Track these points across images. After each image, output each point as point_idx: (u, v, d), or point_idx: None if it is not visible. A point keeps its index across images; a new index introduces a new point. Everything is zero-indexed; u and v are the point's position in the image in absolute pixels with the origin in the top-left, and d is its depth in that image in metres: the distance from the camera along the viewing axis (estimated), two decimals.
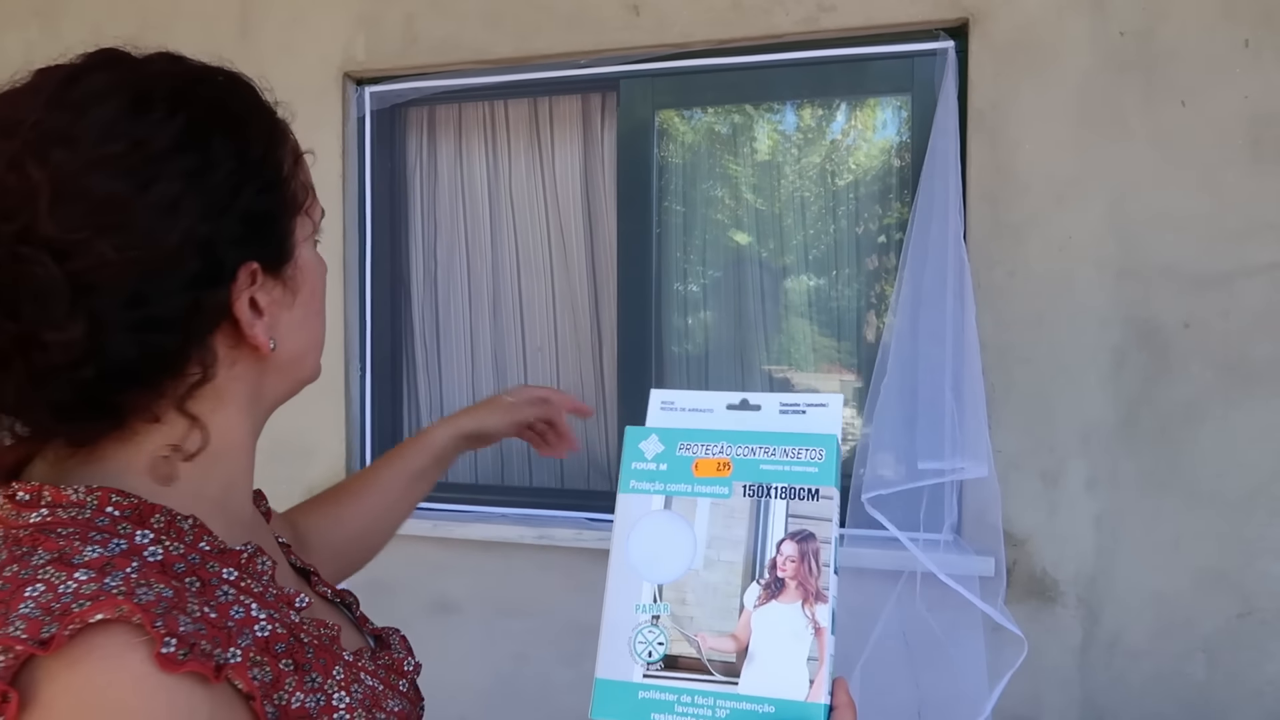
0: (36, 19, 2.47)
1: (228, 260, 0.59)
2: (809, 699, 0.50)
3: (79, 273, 0.52)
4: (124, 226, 0.54)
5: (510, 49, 2.11)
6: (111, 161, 0.54)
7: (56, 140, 0.54)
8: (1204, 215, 1.73)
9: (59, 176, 0.53)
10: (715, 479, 0.57)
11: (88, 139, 0.54)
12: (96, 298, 0.53)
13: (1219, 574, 1.74)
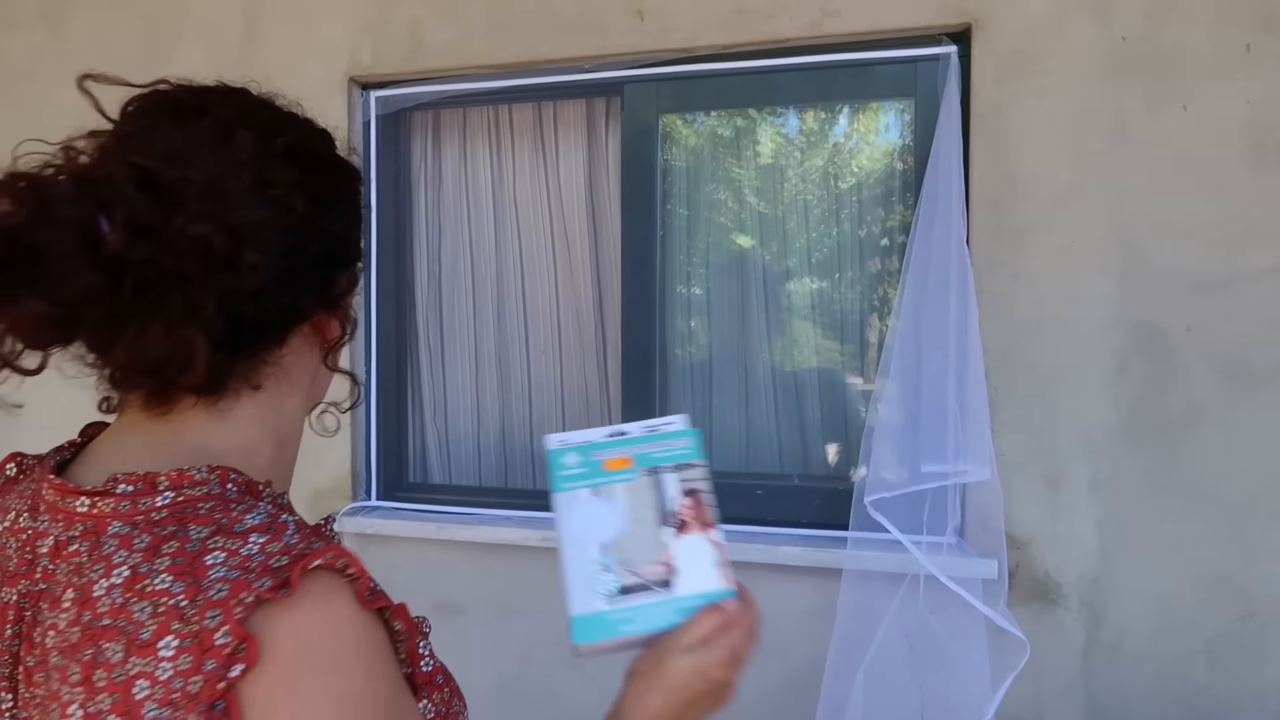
0: (43, 22, 2.49)
1: (343, 263, 0.79)
2: (721, 587, 0.77)
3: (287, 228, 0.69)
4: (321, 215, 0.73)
5: (515, 54, 2.12)
6: None
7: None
8: (1206, 219, 1.74)
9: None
10: (623, 470, 0.80)
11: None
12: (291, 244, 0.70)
13: (1221, 576, 1.75)
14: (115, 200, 0.64)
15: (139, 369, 0.68)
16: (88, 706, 0.59)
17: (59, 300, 0.63)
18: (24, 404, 0.80)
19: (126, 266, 0.63)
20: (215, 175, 0.67)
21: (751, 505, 2.08)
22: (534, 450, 2.34)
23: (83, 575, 0.63)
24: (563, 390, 2.33)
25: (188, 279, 0.65)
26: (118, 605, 0.60)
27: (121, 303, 0.64)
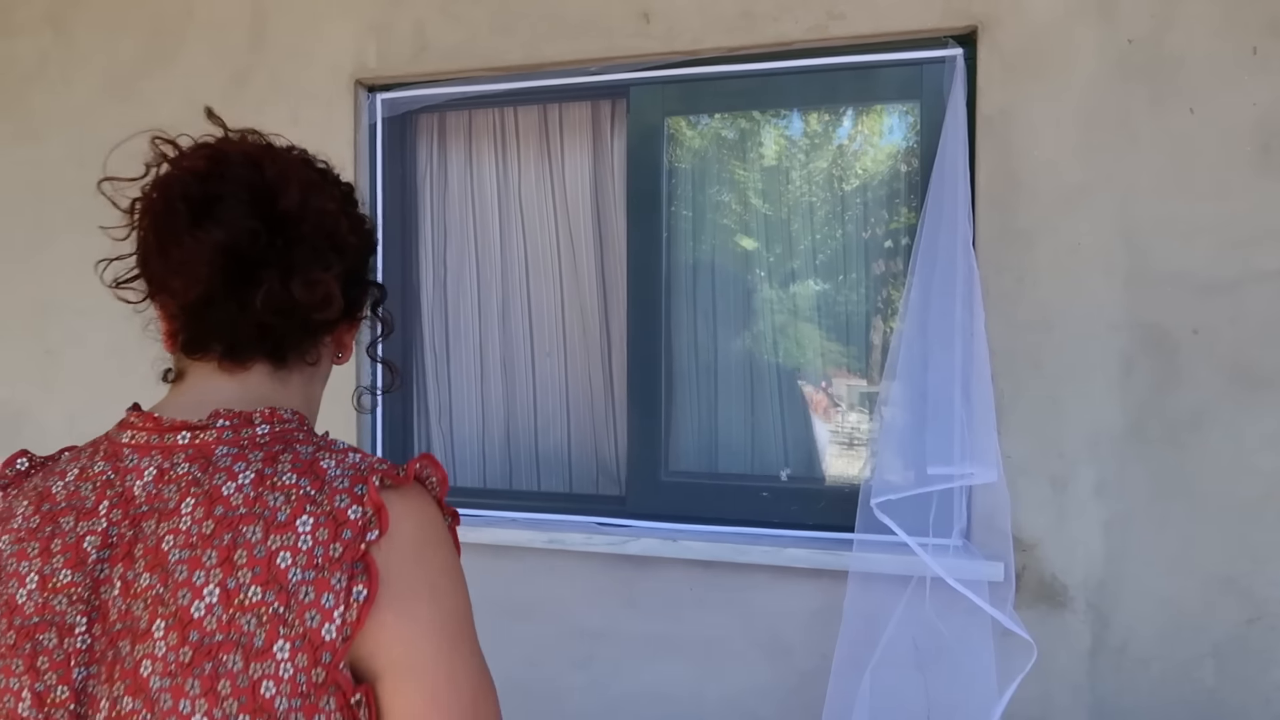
0: (48, 25, 2.49)
1: (372, 287, 0.99)
2: None
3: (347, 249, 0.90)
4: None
5: (521, 56, 2.13)
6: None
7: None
8: (1212, 222, 1.74)
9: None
10: None
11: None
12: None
13: (1228, 579, 1.75)
14: (275, 176, 0.85)
15: (272, 309, 0.84)
16: (227, 583, 0.73)
17: (230, 235, 0.81)
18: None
19: (281, 220, 0.83)
20: (325, 186, 0.91)
21: (757, 507, 2.08)
22: (539, 452, 2.34)
23: (202, 485, 0.77)
24: (568, 392, 2.33)
25: (317, 243, 0.85)
26: (251, 498, 0.76)
27: (272, 249, 0.82)
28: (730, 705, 2.02)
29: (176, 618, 0.74)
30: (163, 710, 0.73)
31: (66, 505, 0.83)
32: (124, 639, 0.76)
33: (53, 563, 0.81)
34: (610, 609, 2.09)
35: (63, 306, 2.49)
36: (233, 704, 0.72)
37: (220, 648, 0.73)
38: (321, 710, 0.73)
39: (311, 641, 0.72)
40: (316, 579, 0.72)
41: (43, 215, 2.50)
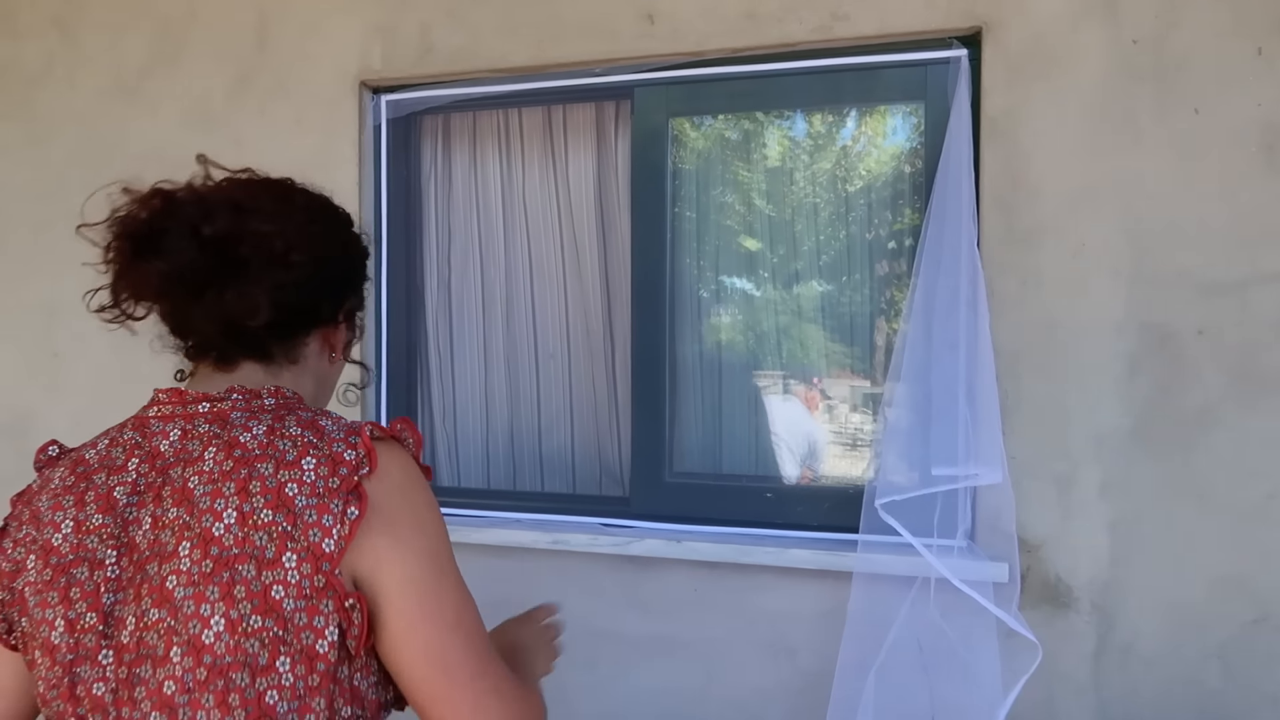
0: (56, 28, 2.50)
1: (349, 295, 1.13)
2: None
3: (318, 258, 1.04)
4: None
5: (526, 58, 2.13)
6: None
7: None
8: (1217, 222, 1.74)
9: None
10: None
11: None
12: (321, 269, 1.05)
13: (1234, 581, 1.74)
14: (214, 208, 0.99)
15: (218, 319, 0.98)
16: (243, 508, 0.88)
17: (171, 264, 0.96)
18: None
19: (216, 247, 0.96)
20: (277, 210, 1.03)
21: (761, 508, 2.08)
22: (542, 453, 2.34)
23: (222, 436, 0.94)
24: (571, 394, 2.33)
25: (256, 262, 0.98)
26: (264, 443, 0.92)
27: (209, 270, 0.96)
28: (734, 706, 2.02)
29: (200, 537, 0.89)
30: (186, 615, 0.88)
31: (99, 465, 0.98)
32: (151, 563, 0.91)
33: (86, 510, 0.95)
34: (614, 610, 2.09)
35: (69, 309, 2.49)
36: (247, 605, 0.87)
37: (237, 559, 0.88)
38: (320, 611, 0.88)
39: (314, 553, 0.88)
40: (318, 504, 0.89)
41: (49, 217, 2.51)
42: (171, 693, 0.88)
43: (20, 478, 2.69)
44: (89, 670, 0.92)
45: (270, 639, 0.88)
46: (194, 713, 0.88)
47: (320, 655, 0.89)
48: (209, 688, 0.88)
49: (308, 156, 2.27)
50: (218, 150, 2.39)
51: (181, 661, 0.88)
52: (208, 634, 0.87)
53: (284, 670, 0.88)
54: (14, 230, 2.54)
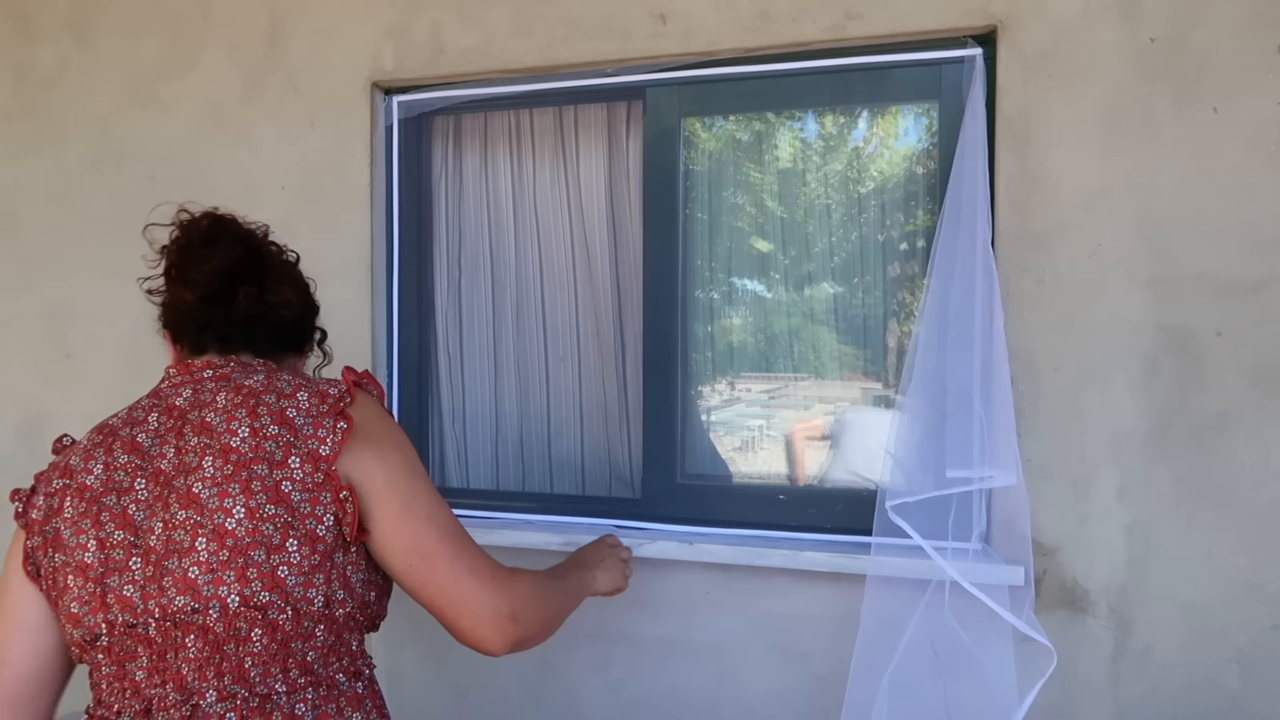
0: (69, 31, 2.51)
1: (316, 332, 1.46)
2: None
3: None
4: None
5: (537, 58, 2.13)
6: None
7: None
8: (1237, 222, 1.72)
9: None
10: None
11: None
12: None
13: (1253, 585, 1.72)
14: (251, 229, 1.35)
15: (254, 306, 1.26)
16: (254, 425, 1.12)
17: (227, 253, 1.28)
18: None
19: (258, 256, 1.32)
20: (281, 264, 1.37)
21: (774, 510, 2.07)
22: (551, 456, 2.33)
23: (227, 385, 1.18)
24: (581, 396, 2.32)
25: (275, 268, 1.34)
26: (264, 384, 1.18)
27: (251, 272, 1.28)
28: (747, 710, 2.01)
29: (220, 450, 1.11)
30: (210, 509, 1.08)
31: (122, 423, 1.20)
32: (178, 478, 1.11)
33: (114, 454, 1.16)
34: (626, 612, 2.08)
35: (82, 311, 2.50)
36: (262, 496, 1.09)
37: (252, 462, 1.10)
38: (320, 502, 1.11)
39: (313, 456, 1.12)
40: (314, 422, 1.14)
41: (63, 220, 2.52)
42: (195, 576, 1.07)
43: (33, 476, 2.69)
44: (118, 579, 1.09)
45: (281, 524, 1.09)
46: (216, 589, 1.07)
47: (320, 538, 1.11)
48: (230, 565, 1.07)
49: (320, 157, 2.28)
50: (231, 151, 2.41)
51: (207, 547, 1.07)
52: (230, 521, 1.08)
53: (292, 550, 1.09)
54: (28, 232, 2.55)
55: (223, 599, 1.06)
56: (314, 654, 1.13)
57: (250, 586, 1.07)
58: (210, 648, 1.07)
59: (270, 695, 1.08)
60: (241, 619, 1.07)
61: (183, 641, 1.07)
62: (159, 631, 1.08)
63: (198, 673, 1.07)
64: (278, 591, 1.08)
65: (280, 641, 1.09)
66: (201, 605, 1.06)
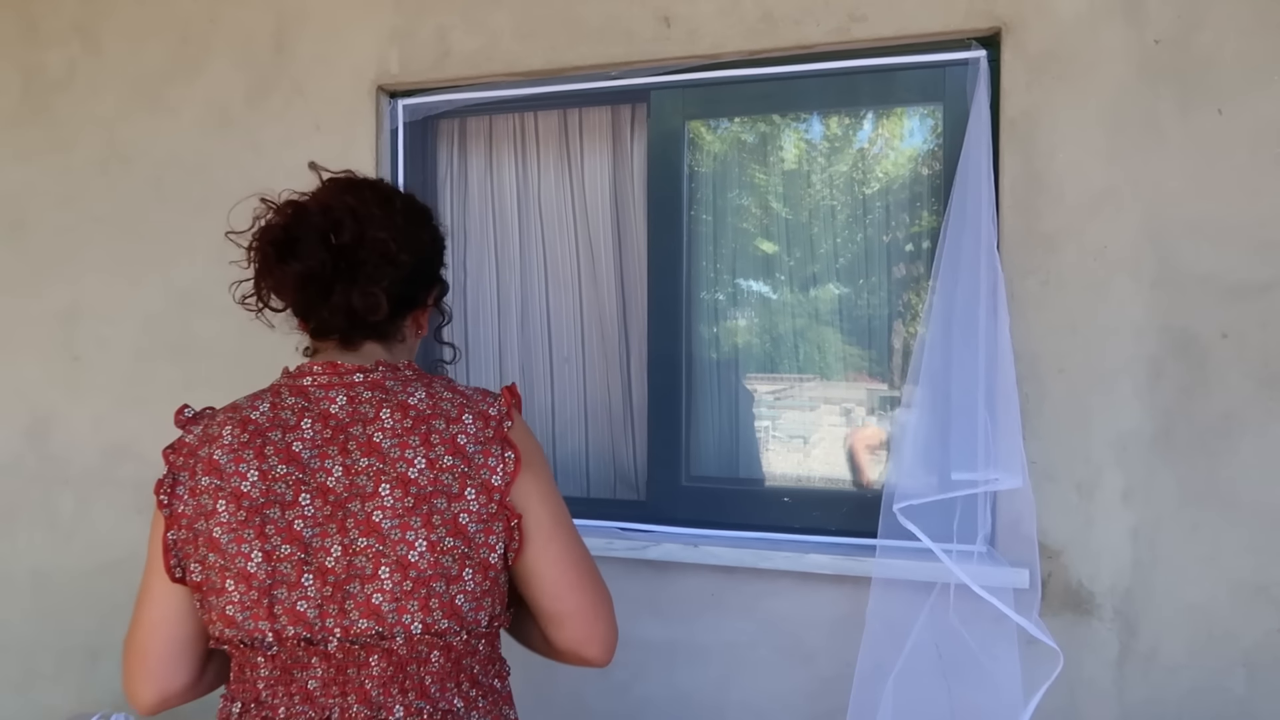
0: (77, 35, 2.53)
1: (437, 282, 1.37)
2: None
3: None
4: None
5: (542, 61, 2.13)
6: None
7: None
8: (1242, 224, 1.71)
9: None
10: None
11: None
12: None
13: (1258, 587, 1.72)
14: (339, 218, 1.18)
15: (345, 313, 1.19)
16: (429, 455, 1.13)
17: (306, 266, 1.16)
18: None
19: (342, 251, 1.17)
20: (385, 215, 1.22)
21: (779, 513, 2.07)
22: (556, 458, 2.34)
23: (390, 400, 1.17)
24: (585, 399, 2.33)
25: (372, 263, 1.19)
26: (430, 405, 1.17)
27: (336, 271, 1.17)
28: (752, 711, 2.01)
29: (398, 480, 1.12)
30: (393, 540, 1.11)
31: (270, 425, 1.17)
32: (353, 502, 1.12)
33: (268, 461, 1.15)
34: (631, 614, 2.07)
35: (90, 314, 2.51)
36: (442, 530, 1.12)
37: (432, 495, 1.12)
38: (493, 531, 1.15)
39: (487, 486, 1.14)
40: (484, 450, 1.15)
41: (70, 222, 2.53)
42: (379, 602, 1.11)
43: (42, 477, 2.72)
44: (287, 592, 1.12)
45: (459, 555, 1.13)
46: (400, 616, 1.11)
47: (491, 565, 1.15)
48: (414, 595, 1.11)
49: (325, 160, 2.24)
50: (236, 154, 2.42)
51: (390, 577, 1.11)
52: (413, 554, 1.11)
53: (468, 579, 1.14)
54: (35, 235, 2.57)
55: (407, 626, 1.12)
56: (479, 667, 1.23)
57: (432, 615, 1.12)
58: (394, 668, 1.14)
59: (451, 710, 1.17)
60: (423, 643, 1.14)
61: (366, 660, 1.14)
62: (340, 649, 1.13)
63: (383, 689, 1.14)
64: (455, 618, 1.14)
65: (454, 660, 1.18)
66: (387, 630, 1.12)
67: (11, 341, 2.60)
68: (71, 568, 2.53)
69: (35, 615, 2.58)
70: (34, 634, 2.58)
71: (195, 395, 2.14)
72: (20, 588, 2.58)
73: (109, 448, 2.48)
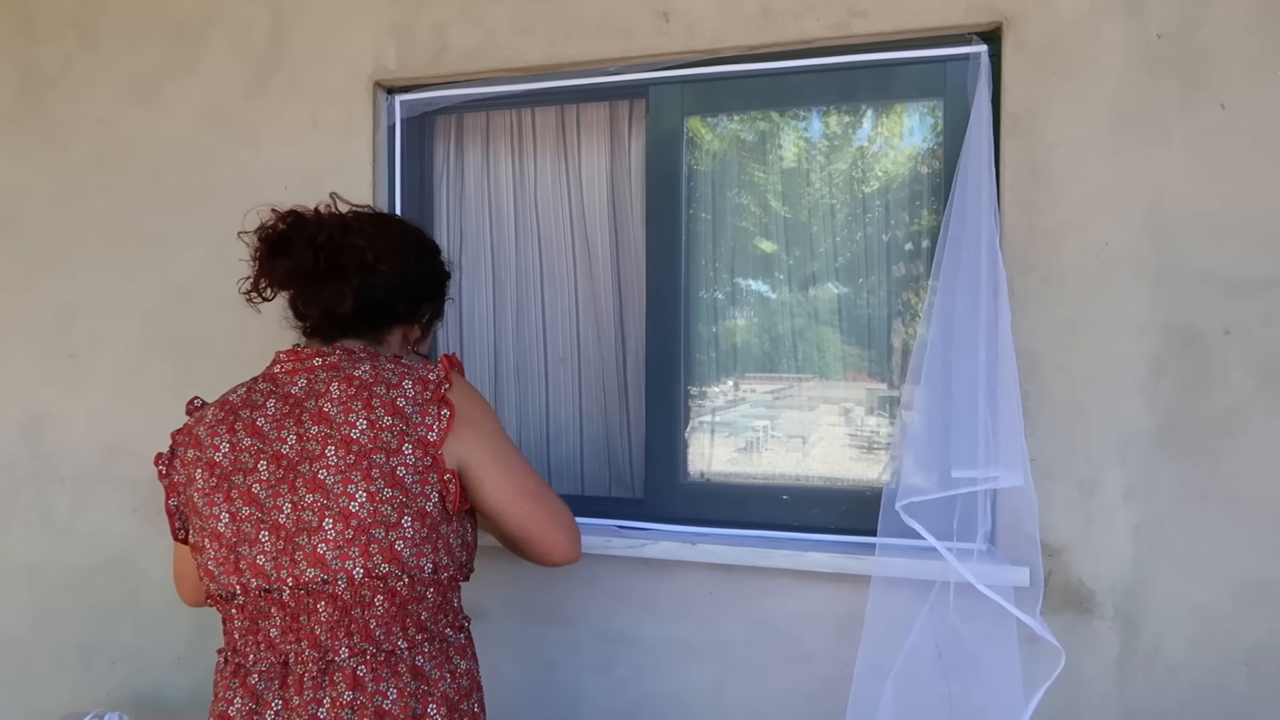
0: (74, 31, 2.51)
1: (427, 305, 1.61)
2: None
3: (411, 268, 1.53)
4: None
5: (540, 57, 2.12)
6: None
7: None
8: (1244, 220, 1.70)
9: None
10: None
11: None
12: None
13: (1261, 585, 1.71)
14: (328, 225, 1.42)
15: (319, 305, 1.39)
16: (370, 417, 1.29)
17: (293, 262, 1.38)
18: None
19: (325, 252, 1.39)
20: (376, 231, 1.45)
21: (778, 511, 2.06)
22: (550, 458, 2.32)
23: (338, 375, 1.33)
24: (581, 399, 2.31)
25: (349, 265, 1.40)
26: (373, 375, 1.33)
27: (318, 268, 1.39)
28: (750, 711, 1.99)
29: (342, 441, 1.28)
30: (335, 494, 1.26)
31: (243, 404, 1.37)
32: (302, 464, 1.28)
33: (237, 435, 1.34)
34: (629, 613, 2.07)
35: (86, 311, 2.50)
36: (380, 482, 1.26)
37: (372, 452, 1.27)
38: (429, 483, 1.30)
39: (423, 442, 1.29)
40: (421, 410, 1.30)
41: (66, 219, 2.52)
42: (324, 551, 1.25)
43: (37, 476, 2.72)
44: (249, 549, 1.29)
45: (398, 504, 1.27)
46: (342, 563, 1.25)
47: (428, 514, 1.30)
48: (355, 543, 1.25)
49: (322, 157, 2.27)
50: (234, 151, 2.41)
51: (334, 527, 1.25)
52: (354, 504, 1.25)
53: (407, 526, 1.27)
54: (32, 232, 2.55)
55: (349, 571, 1.25)
56: (426, 613, 1.34)
57: (372, 560, 1.26)
58: (340, 612, 1.27)
59: (394, 651, 1.30)
60: (366, 588, 1.26)
61: (314, 607, 1.27)
62: (292, 597, 1.27)
63: (330, 633, 1.27)
64: (395, 563, 1.27)
65: (399, 605, 1.29)
66: (331, 577, 1.25)
67: (6, 339, 2.58)
68: (67, 566, 2.51)
69: (30, 613, 2.56)
70: (28, 632, 2.56)
71: (192, 392, 2.13)
72: (15, 586, 2.57)
73: (105, 446, 2.47)
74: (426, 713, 1.32)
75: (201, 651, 2.37)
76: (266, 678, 1.30)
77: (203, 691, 2.34)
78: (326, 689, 1.27)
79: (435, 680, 1.34)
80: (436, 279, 1.60)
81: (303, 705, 1.27)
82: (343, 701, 1.26)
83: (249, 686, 1.31)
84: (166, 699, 2.44)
